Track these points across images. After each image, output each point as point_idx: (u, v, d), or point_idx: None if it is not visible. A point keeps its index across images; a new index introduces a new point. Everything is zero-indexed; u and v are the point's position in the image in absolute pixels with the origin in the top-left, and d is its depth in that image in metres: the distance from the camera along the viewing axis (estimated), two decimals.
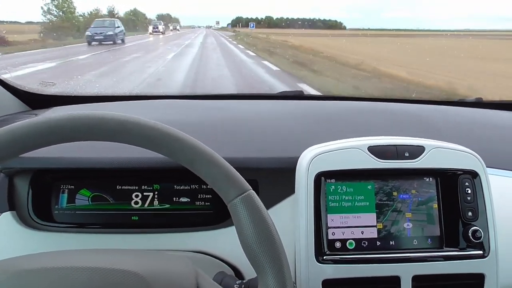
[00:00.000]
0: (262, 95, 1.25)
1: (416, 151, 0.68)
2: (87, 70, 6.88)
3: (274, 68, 8.32)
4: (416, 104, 1.15)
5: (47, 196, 0.72)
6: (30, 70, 5.99)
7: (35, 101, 1.06)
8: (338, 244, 0.66)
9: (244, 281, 0.56)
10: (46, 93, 1.10)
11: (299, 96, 1.22)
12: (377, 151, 0.67)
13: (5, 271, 0.42)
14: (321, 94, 3.54)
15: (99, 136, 0.48)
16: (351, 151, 0.67)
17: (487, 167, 0.70)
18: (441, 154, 0.69)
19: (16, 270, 0.42)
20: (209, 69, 8.27)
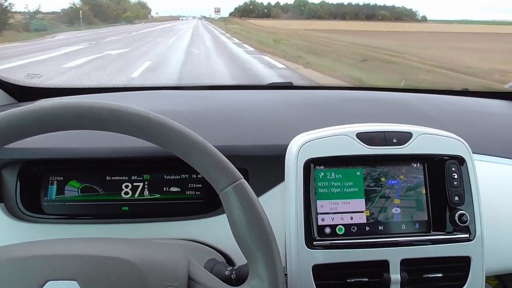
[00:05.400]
0: (252, 85, 1.25)
1: (404, 137, 0.69)
2: None
3: None
4: (404, 93, 1.16)
5: (36, 188, 0.72)
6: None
7: (22, 93, 1.05)
8: (327, 230, 0.66)
9: (235, 268, 0.57)
10: (32, 85, 1.08)
11: (289, 86, 1.22)
12: (366, 138, 0.68)
13: None
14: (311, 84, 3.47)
15: (89, 125, 0.47)
16: (340, 138, 0.68)
17: (473, 153, 0.71)
18: (428, 140, 0.70)
19: (7, 257, 0.42)
20: None
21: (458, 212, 0.67)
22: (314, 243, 0.65)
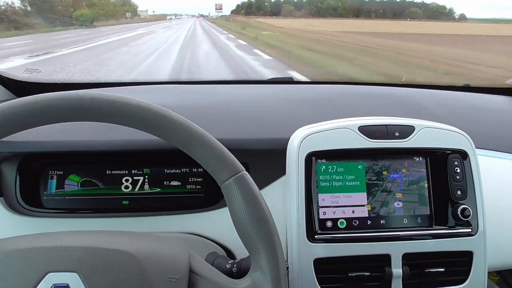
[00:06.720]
0: (252, 80, 1.24)
1: (406, 131, 0.68)
2: None
3: None
4: (406, 88, 1.16)
5: (35, 182, 0.72)
6: None
7: (21, 88, 1.04)
8: (329, 224, 0.66)
9: (236, 261, 0.56)
10: (32, 80, 1.08)
11: (289, 81, 1.22)
12: (368, 131, 0.67)
13: None
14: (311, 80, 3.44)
15: (90, 117, 0.47)
16: (342, 131, 0.67)
17: (476, 147, 0.71)
18: (431, 133, 0.69)
19: (7, 250, 0.41)
20: None
21: (461, 207, 0.67)
22: (316, 236, 0.64)
